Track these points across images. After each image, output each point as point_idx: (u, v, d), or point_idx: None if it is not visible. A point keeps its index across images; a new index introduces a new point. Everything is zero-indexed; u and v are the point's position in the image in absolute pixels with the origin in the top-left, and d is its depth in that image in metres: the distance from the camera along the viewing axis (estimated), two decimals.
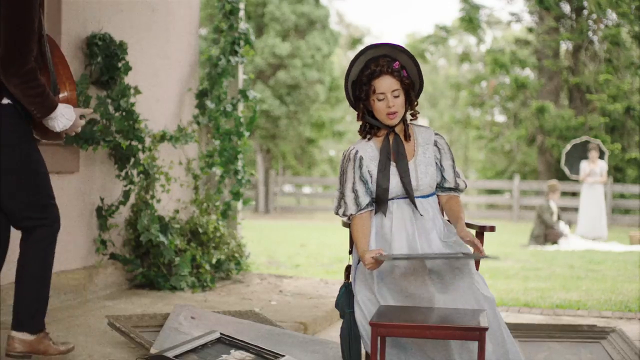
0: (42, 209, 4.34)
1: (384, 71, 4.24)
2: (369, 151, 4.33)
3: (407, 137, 4.35)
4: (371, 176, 4.28)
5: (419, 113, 4.41)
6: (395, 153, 4.28)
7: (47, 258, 4.41)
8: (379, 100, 4.25)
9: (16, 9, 4.03)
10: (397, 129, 4.33)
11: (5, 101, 4.18)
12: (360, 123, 4.40)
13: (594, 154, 17.29)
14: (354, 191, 4.28)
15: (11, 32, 4.03)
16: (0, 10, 4.05)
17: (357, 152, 4.32)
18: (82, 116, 4.43)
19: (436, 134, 4.41)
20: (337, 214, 4.36)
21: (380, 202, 4.27)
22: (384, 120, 4.28)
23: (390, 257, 4.04)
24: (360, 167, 4.28)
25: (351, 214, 4.29)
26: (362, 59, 4.31)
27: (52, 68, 4.32)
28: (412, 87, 4.33)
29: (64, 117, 4.26)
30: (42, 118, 4.23)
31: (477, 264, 4.33)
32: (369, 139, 4.36)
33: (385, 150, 4.28)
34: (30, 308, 4.37)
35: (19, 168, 4.23)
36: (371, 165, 4.30)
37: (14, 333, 4.36)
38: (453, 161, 4.41)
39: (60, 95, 4.38)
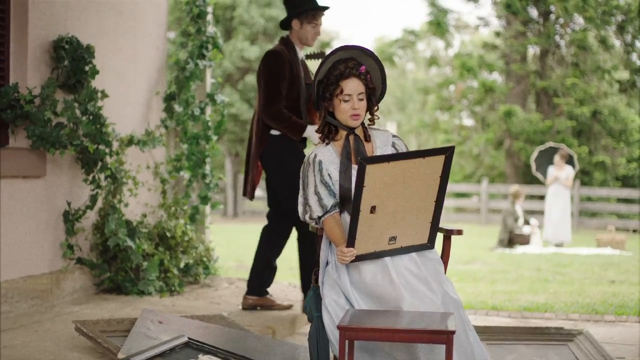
0: (280, 211, 6.39)
1: (353, 73, 4.28)
2: (328, 155, 4.35)
3: (367, 137, 4.38)
4: (331, 178, 4.31)
5: (378, 118, 4.45)
6: (355, 153, 4.31)
7: (265, 245, 6.48)
8: (345, 101, 4.28)
9: (265, 82, 6.18)
10: (356, 131, 4.37)
11: (274, 132, 6.25)
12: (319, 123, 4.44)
13: (560, 159, 17.42)
14: (317, 193, 4.30)
15: (263, 94, 6.18)
16: (260, 81, 6.26)
17: (315, 156, 4.35)
18: None
19: (394, 136, 4.45)
20: (303, 219, 4.37)
21: (344, 201, 4.29)
22: (346, 121, 4.31)
23: (358, 259, 4.11)
24: (320, 170, 4.31)
25: (318, 216, 4.30)
26: (332, 59, 4.34)
27: (304, 107, 6.26)
28: (373, 93, 4.37)
29: (314, 134, 5.86)
30: (298, 138, 6.24)
31: (445, 267, 4.35)
32: (327, 144, 4.39)
33: (345, 151, 4.31)
34: (250, 278, 6.55)
35: (285, 183, 6.27)
36: (330, 167, 4.32)
37: (245, 294, 6.54)
38: None
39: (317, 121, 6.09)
